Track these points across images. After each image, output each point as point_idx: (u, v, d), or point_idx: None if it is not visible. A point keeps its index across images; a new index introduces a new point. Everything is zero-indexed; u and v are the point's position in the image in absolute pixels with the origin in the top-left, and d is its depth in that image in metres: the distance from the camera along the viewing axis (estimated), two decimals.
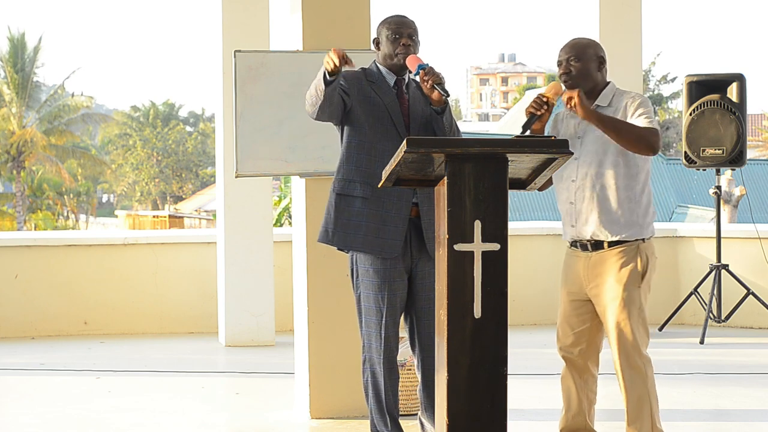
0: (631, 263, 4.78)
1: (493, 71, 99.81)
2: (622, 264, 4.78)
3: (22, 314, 9.25)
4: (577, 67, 4.82)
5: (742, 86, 9.06)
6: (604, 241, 4.81)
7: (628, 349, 4.78)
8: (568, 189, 4.88)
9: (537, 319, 9.77)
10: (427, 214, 4.99)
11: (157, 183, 59.27)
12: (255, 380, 7.48)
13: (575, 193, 4.85)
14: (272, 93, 5.87)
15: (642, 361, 4.80)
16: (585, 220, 4.83)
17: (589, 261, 4.85)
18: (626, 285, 4.77)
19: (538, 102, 4.79)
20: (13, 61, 42.80)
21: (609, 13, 9.02)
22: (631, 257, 4.78)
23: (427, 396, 5.08)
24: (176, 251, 9.62)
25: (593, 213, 4.80)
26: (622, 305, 4.77)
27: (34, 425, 6.19)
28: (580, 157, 4.83)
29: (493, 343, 4.21)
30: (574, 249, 4.92)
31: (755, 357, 8.25)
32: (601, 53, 4.91)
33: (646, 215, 4.82)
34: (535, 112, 4.78)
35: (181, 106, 77.22)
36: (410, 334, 5.15)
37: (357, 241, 4.99)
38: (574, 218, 4.88)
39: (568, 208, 4.90)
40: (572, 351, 4.98)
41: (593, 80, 4.86)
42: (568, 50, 4.86)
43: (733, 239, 9.56)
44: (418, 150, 4.21)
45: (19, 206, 41.04)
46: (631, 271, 4.78)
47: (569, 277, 4.96)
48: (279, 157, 5.90)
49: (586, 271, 4.87)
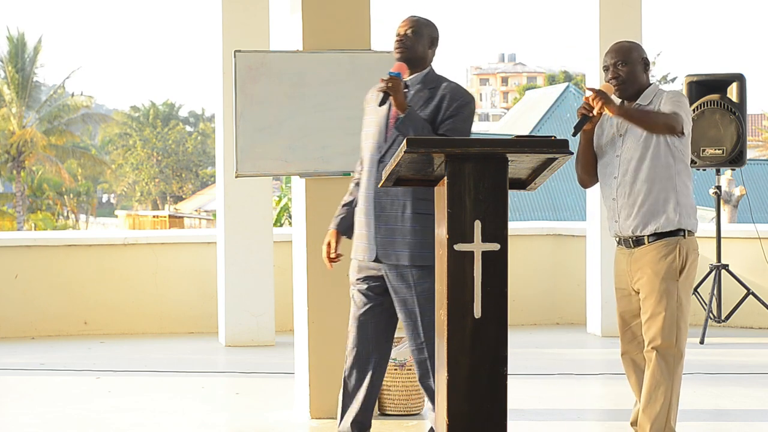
0: (670, 257, 4.88)
1: (493, 71, 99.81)
2: (661, 258, 4.89)
3: (22, 314, 9.25)
4: (625, 71, 4.96)
5: (742, 86, 9.06)
6: (644, 237, 4.92)
7: (661, 340, 4.85)
8: (610, 186, 5.01)
9: (537, 319, 9.78)
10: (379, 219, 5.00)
11: (157, 183, 59.27)
12: (255, 380, 7.48)
13: (617, 190, 4.98)
14: (272, 93, 5.87)
15: (674, 354, 4.86)
16: (626, 215, 4.95)
17: (631, 257, 4.97)
18: (664, 278, 4.87)
19: (588, 104, 4.91)
20: (13, 61, 42.80)
21: (609, 13, 9.03)
22: (669, 251, 4.89)
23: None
24: (176, 251, 9.62)
25: (633, 208, 4.92)
26: (659, 297, 4.86)
27: (34, 425, 6.19)
28: (621, 155, 4.96)
29: (493, 343, 4.21)
30: (620, 246, 5.05)
31: (755, 357, 8.25)
32: (645, 55, 5.05)
33: (684, 211, 4.92)
34: (586, 114, 4.92)
35: (181, 106, 77.29)
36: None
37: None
38: (616, 214, 5.00)
39: (611, 204, 5.03)
40: (629, 346, 5.08)
41: (639, 82, 4.99)
42: (614, 55, 5.00)
43: (733, 239, 9.56)
44: (418, 150, 4.21)
45: (19, 206, 41.04)
46: (669, 264, 4.88)
47: (617, 274, 5.09)
48: (279, 157, 5.90)
49: (629, 267, 4.98)
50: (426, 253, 4.86)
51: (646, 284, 4.91)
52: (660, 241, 4.90)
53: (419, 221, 4.90)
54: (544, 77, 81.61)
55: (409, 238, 4.91)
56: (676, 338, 4.87)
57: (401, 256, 4.93)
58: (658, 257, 4.89)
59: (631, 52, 4.99)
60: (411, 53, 4.99)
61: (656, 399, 4.86)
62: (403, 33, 5.01)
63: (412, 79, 5.01)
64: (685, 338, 4.93)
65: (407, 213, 4.91)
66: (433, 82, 5.01)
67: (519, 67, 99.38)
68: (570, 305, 9.76)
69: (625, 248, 5.00)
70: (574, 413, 6.45)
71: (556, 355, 8.47)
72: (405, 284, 4.95)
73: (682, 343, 4.89)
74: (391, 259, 4.94)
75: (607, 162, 5.02)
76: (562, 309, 9.83)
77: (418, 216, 4.90)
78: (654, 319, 4.87)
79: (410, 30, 5.00)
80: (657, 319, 4.86)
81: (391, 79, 4.87)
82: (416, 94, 4.99)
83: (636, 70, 4.97)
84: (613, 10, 9.03)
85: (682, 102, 4.91)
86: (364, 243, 5.01)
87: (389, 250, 4.94)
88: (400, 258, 4.93)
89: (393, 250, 4.94)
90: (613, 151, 5.00)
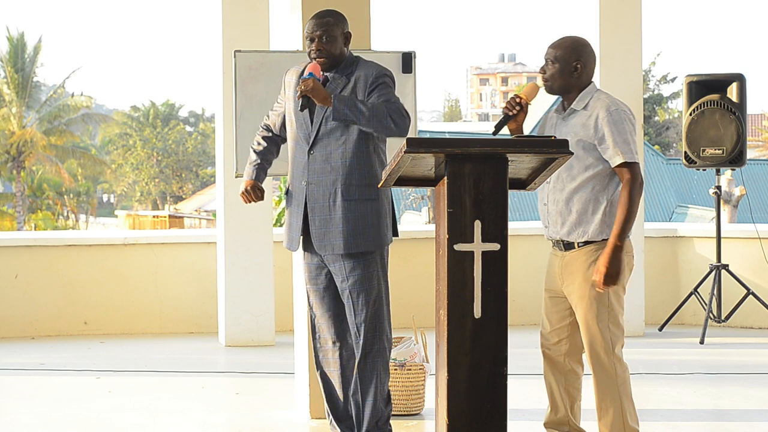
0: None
1: (493, 71, 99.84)
2: (591, 263, 4.80)
3: (22, 314, 9.24)
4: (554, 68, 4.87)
5: (742, 86, 9.06)
6: (574, 242, 4.84)
7: (596, 348, 4.81)
8: (543, 190, 4.93)
9: (537, 319, 9.67)
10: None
11: (157, 183, 59.26)
12: (255, 380, 7.48)
13: (548, 195, 4.91)
14: (272, 93, 5.86)
15: (611, 360, 4.81)
16: (555, 221, 4.89)
17: (563, 260, 4.91)
18: (594, 284, 4.77)
19: (512, 102, 4.84)
20: (13, 61, 42.80)
21: (609, 13, 9.02)
22: (599, 257, 4.77)
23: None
24: (176, 251, 9.62)
25: (562, 215, 4.85)
26: (589, 304, 4.80)
27: (34, 425, 6.19)
28: None
29: (493, 343, 4.21)
30: (553, 248, 4.98)
31: (755, 357, 8.24)
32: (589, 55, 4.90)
33: (612, 215, 4.78)
34: (507, 112, 4.84)
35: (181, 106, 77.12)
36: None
37: None
38: (546, 220, 4.95)
39: (542, 209, 4.98)
40: (552, 347, 5.02)
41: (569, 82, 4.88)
42: (550, 50, 4.89)
43: (733, 239, 9.56)
44: (418, 150, 4.21)
45: (19, 206, 41.04)
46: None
47: (548, 275, 5.02)
48: (279, 157, 5.89)
49: (561, 270, 4.92)
50: (360, 240, 5.02)
51: (576, 290, 4.83)
52: (590, 245, 4.80)
53: (350, 209, 5.02)
54: None
55: (341, 227, 5.02)
56: (611, 345, 4.79)
57: (336, 245, 5.05)
58: (588, 263, 4.79)
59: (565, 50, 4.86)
60: (329, 59, 5.08)
61: (607, 407, 4.83)
62: (317, 40, 5.05)
63: (331, 72, 5.11)
64: (622, 340, 4.84)
65: (338, 201, 5.02)
66: (348, 67, 5.11)
67: (519, 67, 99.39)
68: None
69: (558, 251, 4.93)
70: None
71: None
72: (341, 272, 5.09)
73: (618, 347, 4.82)
74: (327, 249, 5.07)
75: None
76: None
77: (348, 203, 5.02)
78: (587, 327, 4.80)
79: (324, 36, 5.05)
80: (590, 327, 4.78)
81: (304, 82, 4.96)
82: (333, 82, 5.09)
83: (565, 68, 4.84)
84: (613, 10, 9.02)
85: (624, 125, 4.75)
86: (297, 234, 5.15)
87: (324, 241, 5.07)
88: (335, 248, 5.05)
89: (328, 240, 5.06)
90: None
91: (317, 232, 5.08)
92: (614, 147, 4.72)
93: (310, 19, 5.12)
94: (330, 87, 5.06)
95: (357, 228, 5.02)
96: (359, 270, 5.05)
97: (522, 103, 4.85)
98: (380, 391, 5.14)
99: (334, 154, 5.03)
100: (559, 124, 4.90)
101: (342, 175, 5.01)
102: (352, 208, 5.01)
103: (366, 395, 5.13)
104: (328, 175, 5.03)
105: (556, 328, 4.99)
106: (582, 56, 4.86)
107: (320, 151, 5.05)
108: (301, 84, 4.96)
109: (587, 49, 4.89)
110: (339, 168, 5.02)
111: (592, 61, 4.90)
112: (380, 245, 5.07)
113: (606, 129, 4.74)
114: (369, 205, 5.04)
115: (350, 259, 5.04)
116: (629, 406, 4.85)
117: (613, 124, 4.74)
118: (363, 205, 5.03)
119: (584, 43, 4.90)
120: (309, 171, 5.07)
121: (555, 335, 4.99)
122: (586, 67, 4.87)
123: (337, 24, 5.06)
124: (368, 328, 5.08)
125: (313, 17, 5.09)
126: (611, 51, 8.94)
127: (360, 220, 5.02)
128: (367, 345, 5.09)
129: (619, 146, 4.71)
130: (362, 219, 5.02)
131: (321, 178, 5.04)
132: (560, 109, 4.96)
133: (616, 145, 4.72)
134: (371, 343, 5.10)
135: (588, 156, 4.77)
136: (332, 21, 5.06)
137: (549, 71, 4.88)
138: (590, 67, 4.90)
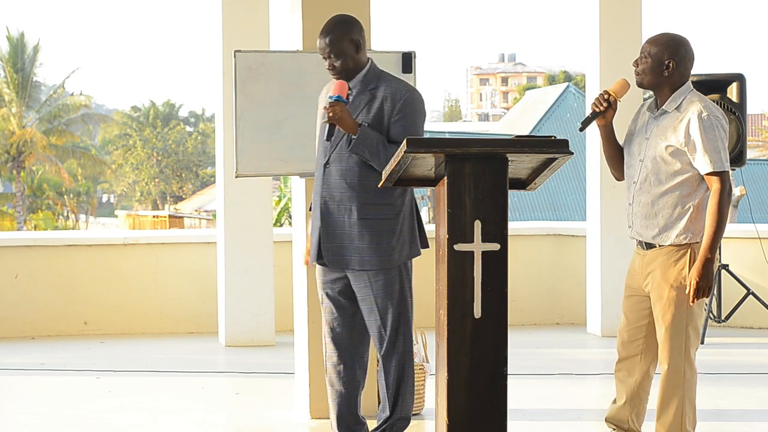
0: (680, 263, 4.76)
1: (493, 71, 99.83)
2: (672, 264, 4.77)
3: (22, 314, 9.24)
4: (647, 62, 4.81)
5: (742, 86, 9.05)
6: (656, 243, 4.81)
7: (669, 348, 4.78)
8: (629, 190, 4.89)
9: (537, 319, 9.77)
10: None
11: (157, 183, 59.26)
12: (255, 380, 7.48)
13: (633, 196, 4.85)
14: (272, 93, 5.86)
15: (682, 362, 4.78)
16: (639, 222, 4.84)
17: (644, 258, 4.86)
18: (673, 284, 4.76)
19: (601, 99, 4.81)
20: (13, 61, 42.80)
21: (609, 13, 9.02)
22: (680, 257, 4.76)
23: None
24: (176, 251, 9.62)
25: (647, 217, 4.81)
26: (668, 305, 4.77)
27: (34, 425, 6.19)
28: (644, 159, 4.82)
29: (493, 343, 4.21)
30: (636, 246, 4.93)
31: (755, 357, 8.24)
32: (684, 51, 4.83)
33: (698, 220, 4.75)
34: (596, 109, 4.81)
35: (181, 106, 77.24)
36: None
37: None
38: (631, 219, 4.90)
39: (627, 208, 4.92)
40: (627, 346, 4.98)
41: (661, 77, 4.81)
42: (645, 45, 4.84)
43: (733, 239, 9.55)
44: (418, 150, 4.21)
45: (19, 206, 41.04)
46: (679, 271, 4.76)
47: (630, 273, 4.99)
48: (279, 157, 5.90)
49: (642, 269, 4.88)
50: (374, 257, 4.93)
51: (656, 289, 4.80)
52: (672, 246, 4.77)
53: (366, 227, 4.93)
54: (544, 77, 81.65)
55: (357, 243, 4.95)
56: (685, 347, 4.77)
57: (351, 261, 4.97)
58: (669, 263, 4.77)
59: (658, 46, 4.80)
60: (344, 72, 4.98)
61: (668, 408, 4.80)
62: (327, 60, 4.97)
63: (352, 82, 5.01)
64: (697, 344, 4.83)
65: (353, 218, 4.94)
66: (372, 82, 5.00)
67: (519, 67, 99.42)
68: (570, 305, 9.76)
69: (640, 249, 4.89)
70: (573, 413, 6.45)
71: (555, 355, 8.46)
72: (362, 284, 5.00)
73: (693, 350, 4.81)
74: (341, 264, 4.99)
75: (630, 164, 4.89)
76: (562, 309, 9.83)
77: (364, 222, 4.93)
78: (662, 327, 4.78)
79: (332, 54, 4.94)
80: (665, 327, 4.76)
81: (332, 107, 4.85)
82: (357, 97, 4.98)
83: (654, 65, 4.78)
84: (613, 10, 9.03)
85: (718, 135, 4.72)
86: (316, 247, 5.07)
87: (338, 255, 4.99)
88: (350, 263, 4.98)
89: (342, 255, 4.98)
90: (638, 154, 4.85)
91: (330, 246, 5.00)
92: (704, 155, 4.67)
93: (320, 33, 5.01)
94: (353, 105, 4.95)
95: (372, 246, 4.93)
96: (381, 278, 4.96)
97: (611, 100, 4.81)
98: (411, 390, 5.13)
99: (350, 172, 4.94)
100: (650, 123, 4.85)
101: (358, 193, 4.93)
102: (368, 226, 4.92)
103: (401, 386, 5.08)
104: (345, 192, 4.95)
105: (633, 326, 4.96)
106: (676, 55, 4.79)
107: (336, 167, 4.97)
108: (330, 110, 4.86)
109: (682, 48, 4.82)
110: (356, 186, 4.93)
111: (687, 61, 4.83)
112: (394, 263, 4.97)
113: (696, 135, 4.70)
114: (385, 225, 4.94)
115: (369, 272, 4.97)
116: (690, 411, 4.83)
117: (704, 131, 4.70)
118: (379, 224, 4.94)
119: (681, 42, 4.83)
120: (324, 185, 5.00)
121: (631, 333, 4.97)
122: (679, 66, 4.81)
123: (342, 37, 4.94)
124: (392, 330, 5.00)
125: (321, 32, 4.99)
126: (611, 51, 8.94)
127: (374, 239, 4.93)
128: (394, 346, 5.03)
129: (709, 154, 4.67)
130: (377, 238, 4.93)
131: (337, 194, 4.97)
132: (653, 107, 4.87)
133: (706, 153, 4.67)
134: (399, 344, 5.03)
135: (677, 161, 4.73)
136: (336, 36, 4.94)
137: (641, 65, 4.82)
138: (684, 67, 4.82)
